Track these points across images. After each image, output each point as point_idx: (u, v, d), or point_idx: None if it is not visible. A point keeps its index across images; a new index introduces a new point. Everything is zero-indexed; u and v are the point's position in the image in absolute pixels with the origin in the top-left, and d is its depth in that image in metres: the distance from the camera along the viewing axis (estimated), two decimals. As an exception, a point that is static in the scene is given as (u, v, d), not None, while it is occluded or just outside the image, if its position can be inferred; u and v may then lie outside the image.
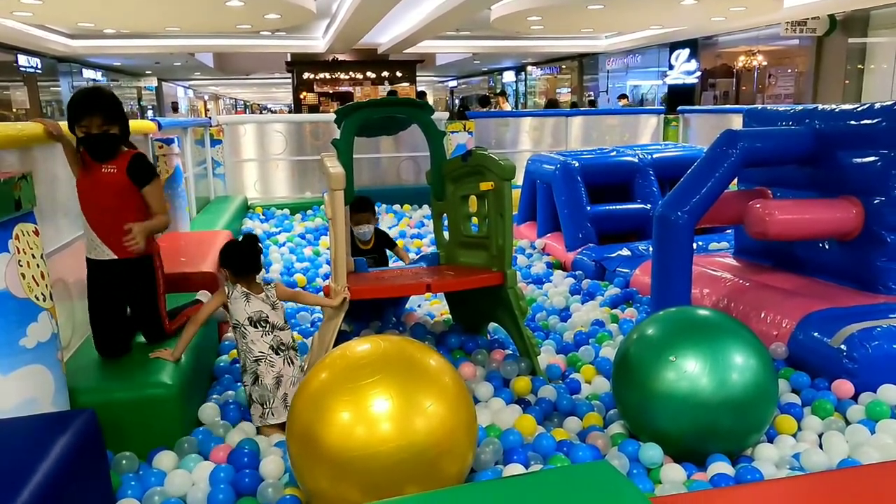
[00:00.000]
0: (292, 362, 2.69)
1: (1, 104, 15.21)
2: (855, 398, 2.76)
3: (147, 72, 24.70)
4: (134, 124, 4.75)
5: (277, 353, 2.65)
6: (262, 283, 2.73)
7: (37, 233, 2.12)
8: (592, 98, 18.61)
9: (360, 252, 3.90)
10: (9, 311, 1.98)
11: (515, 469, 2.24)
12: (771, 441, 2.51)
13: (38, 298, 2.07)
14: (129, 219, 2.66)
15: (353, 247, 3.87)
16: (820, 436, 2.54)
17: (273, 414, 2.61)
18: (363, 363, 1.98)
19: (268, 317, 2.65)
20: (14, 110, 15.54)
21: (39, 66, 16.05)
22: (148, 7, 10.25)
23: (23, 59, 15.20)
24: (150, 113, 24.37)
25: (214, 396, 2.92)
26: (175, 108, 20.90)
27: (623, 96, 15.46)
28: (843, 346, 2.84)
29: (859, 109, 3.40)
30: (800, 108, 3.76)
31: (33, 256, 2.08)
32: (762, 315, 3.26)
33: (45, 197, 2.82)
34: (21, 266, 2.01)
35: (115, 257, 2.70)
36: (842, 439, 2.45)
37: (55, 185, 3.03)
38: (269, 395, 2.61)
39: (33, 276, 2.06)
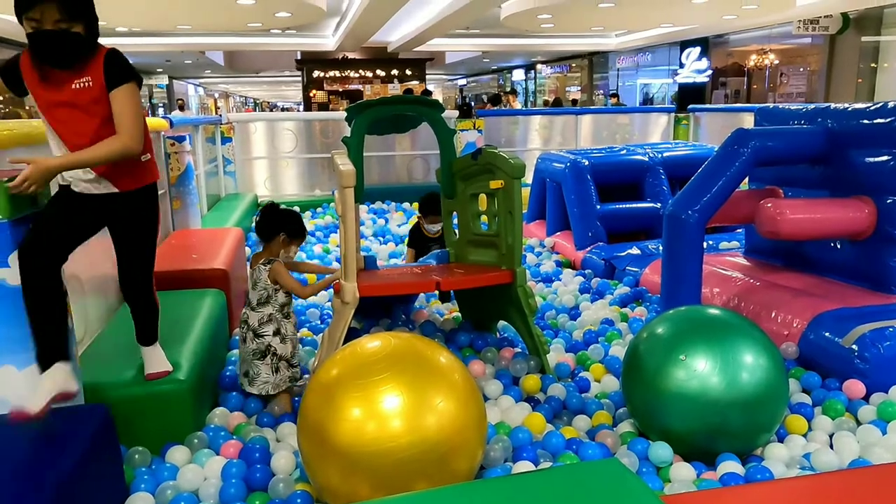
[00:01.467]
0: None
1: (14, 102, 15.32)
2: (866, 398, 2.75)
3: (158, 70, 24.84)
4: (146, 122, 4.80)
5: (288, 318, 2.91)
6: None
7: (52, 229, 2.14)
8: (615, 92, 18.29)
9: (426, 241, 4.35)
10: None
11: (525, 467, 2.25)
12: (781, 441, 2.50)
13: (53, 294, 2.09)
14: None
15: (420, 237, 4.39)
16: (831, 436, 2.53)
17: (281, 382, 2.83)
18: (373, 360, 1.99)
19: None
20: (27, 108, 15.66)
21: (51, 63, 16.15)
22: (159, 5, 10.30)
23: (35, 58, 15.29)
24: (160, 111, 24.50)
25: (226, 396, 2.94)
26: (181, 106, 19.54)
27: (614, 95, 15.39)
28: (854, 346, 2.83)
29: (872, 108, 3.38)
30: (812, 106, 3.74)
31: (49, 252, 2.10)
32: (773, 314, 3.25)
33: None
34: (37, 262, 2.03)
35: (116, 190, 2.22)
36: (853, 439, 2.44)
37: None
38: (286, 363, 2.83)
39: (49, 272, 2.08)
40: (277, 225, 2.90)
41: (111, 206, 2.24)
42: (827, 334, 2.97)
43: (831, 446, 2.45)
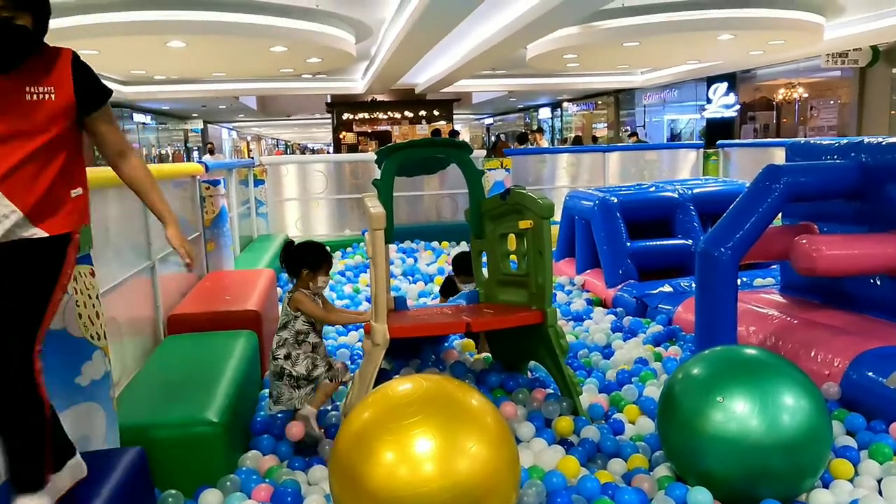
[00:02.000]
0: None
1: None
2: (915, 441, 2.64)
3: (194, 115, 25.64)
4: (182, 167, 4.94)
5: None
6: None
7: (93, 274, 2.21)
8: (630, 132, 18.46)
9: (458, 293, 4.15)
10: (66, 349, 2.05)
11: (559, 512, 2.20)
12: (826, 486, 2.41)
13: (92, 338, 2.14)
14: (74, 170, 1.81)
15: (454, 289, 4.21)
16: (879, 481, 2.43)
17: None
18: (405, 402, 1.98)
19: None
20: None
21: (93, 112, 16.78)
22: (196, 54, 10.69)
23: (78, 106, 15.91)
24: (195, 154, 25.19)
25: (258, 438, 2.95)
26: (211, 150, 18.07)
27: (633, 134, 15.39)
28: (899, 387, 2.73)
29: (907, 142, 3.33)
30: (845, 141, 3.69)
31: (89, 297, 2.16)
32: (812, 353, 3.17)
33: (100, 238, 2.93)
34: (78, 306, 2.09)
35: (45, 235, 1.73)
36: (902, 485, 2.34)
37: (109, 227, 3.15)
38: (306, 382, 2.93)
39: (89, 316, 2.14)
40: (298, 261, 2.99)
41: (23, 254, 1.68)
42: (870, 374, 2.88)
43: (880, 492, 2.35)
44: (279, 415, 2.98)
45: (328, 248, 3.10)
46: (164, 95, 16.99)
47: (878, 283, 3.48)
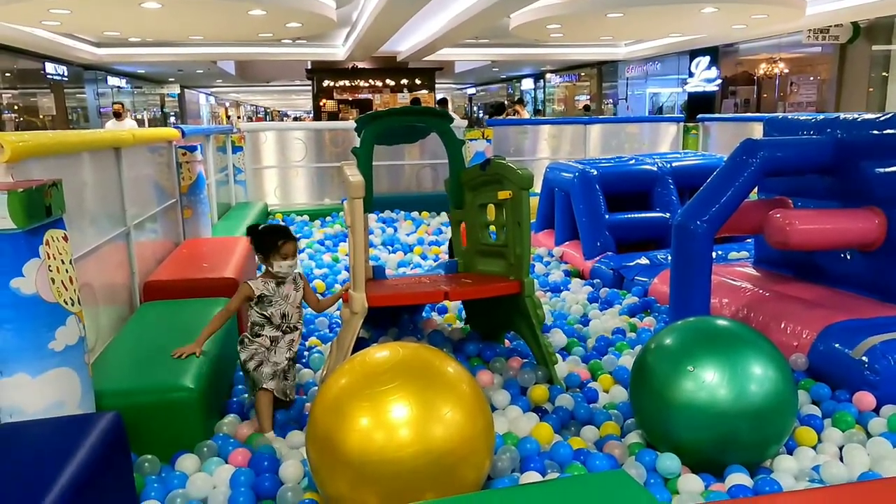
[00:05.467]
0: None
1: (28, 111, 15.50)
2: (876, 410, 2.73)
3: (170, 79, 25.07)
4: (158, 131, 4.86)
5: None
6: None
7: (66, 239, 2.18)
8: (587, 104, 18.67)
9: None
10: (39, 314, 2.03)
11: (532, 477, 2.25)
12: (791, 453, 2.49)
13: (66, 303, 2.12)
14: None
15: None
16: (840, 448, 2.51)
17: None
18: (382, 370, 2.00)
19: None
20: (41, 117, 15.85)
21: (66, 73, 16.36)
22: (172, 16, 10.40)
23: (50, 67, 15.50)
24: (172, 120, 24.73)
25: (234, 404, 2.96)
26: (118, 113, 12.71)
27: (586, 108, 15.44)
28: (864, 358, 2.81)
29: (882, 119, 3.37)
30: (821, 117, 3.73)
31: (62, 262, 2.13)
32: (782, 325, 3.24)
33: (74, 203, 2.88)
34: (51, 271, 2.06)
35: None
36: (863, 452, 2.42)
37: (83, 192, 3.10)
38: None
39: (62, 281, 2.12)
40: (256, 248, 2.83)
41: None
42: (837, 346, 2.96)
43: (841, 459, 2.44)
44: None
45: (287, 229, 2.89)
46: (140, 58, 16.58)
47: (849, 257, 3.55)
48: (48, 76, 15.62)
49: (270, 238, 2.78)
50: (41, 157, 2.62)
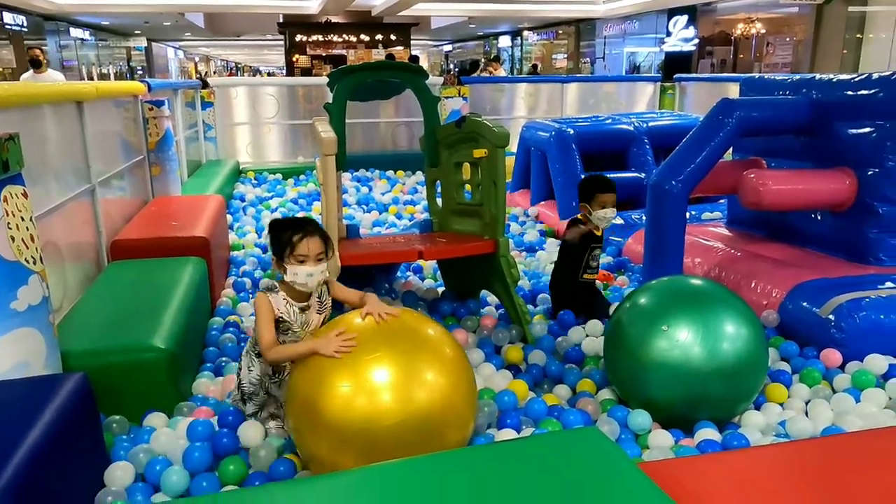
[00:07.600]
0: None
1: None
2: (842, 367, 2.80)
3: (136, 31, 24.24)
4: (123, 85, 4.69)
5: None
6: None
7: (25, 195, 2.09)
8: (535, 63, 18.73)
9: (592, 242, 3.33)
10: (-2, 273, 1.96)
11: (508, 434, 2.26)
12: (759, 408, 2.54)
13: (27, 261, 2.05)
14: None
15: (584, 240, 3.29)
16: (807, 403, 2.58)
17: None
18: (364, 336, 1.96)
19: None
20: (0, 70, 15.27)
21: (25, 23, 15.71)
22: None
23: (8, 17, 14.87)
24: (139, 74, 23.98)
25: (208, 365, 2.93)
26: (35, 60, 8.79)
27: (534, 67, 15.39)
28: (831, 316, 2.87)
29: (857, 80, 3.37)
30: (797, 77, 3.73)
31: (22, 219, 2.06)
32: (753, 284, 3.28)
33: (34, 158, 2.77)
34: (10, 228, 1.98)
35: None
36: (827, 407, 2.49)
37: (44, 147, 2.98)
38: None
39: (23, 239, 2.04)
40: (273, 245, 2.19)
41: None
42: (805, 304, 3.01)
43: (807, 414, 2.50)
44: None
45: (304, 221, 2.19)
46: (103, 8, 15.97)
47: (819, 217, 3.59)
48: (6, 26, 15.00)
49: (281, 232, 2.11)
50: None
